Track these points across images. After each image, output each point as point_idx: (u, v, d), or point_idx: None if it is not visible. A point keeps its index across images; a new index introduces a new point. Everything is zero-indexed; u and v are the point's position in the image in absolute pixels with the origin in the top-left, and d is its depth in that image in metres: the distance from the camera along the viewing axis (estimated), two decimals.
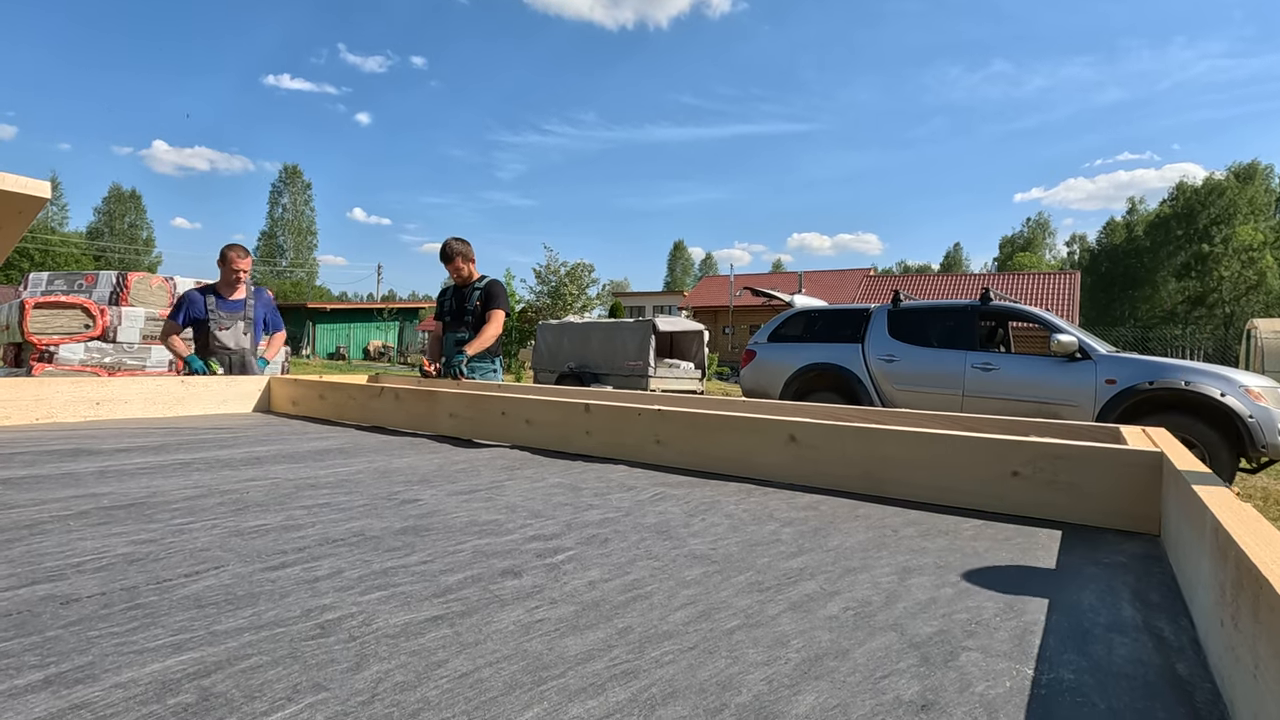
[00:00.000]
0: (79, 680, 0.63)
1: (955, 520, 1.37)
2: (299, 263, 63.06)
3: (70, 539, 1.07)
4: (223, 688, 0.62)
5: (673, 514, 1.38)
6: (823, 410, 2.15)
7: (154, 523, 1.18)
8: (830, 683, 0.68)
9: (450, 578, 0.95)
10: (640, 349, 13.16)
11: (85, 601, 0.82)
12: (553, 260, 26.72)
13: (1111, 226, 56.10)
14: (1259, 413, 5.60)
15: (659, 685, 0.66)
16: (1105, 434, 1.55)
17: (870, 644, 0.77)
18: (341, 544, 1.09)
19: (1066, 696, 0.66)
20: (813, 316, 8.69)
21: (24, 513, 1.22)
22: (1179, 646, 0.79)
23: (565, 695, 0.63)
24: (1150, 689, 0.68)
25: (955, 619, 0.86)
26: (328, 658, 0.69)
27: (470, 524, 1.25)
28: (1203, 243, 44.90)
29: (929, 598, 0.94)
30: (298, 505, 1.34)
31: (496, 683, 0.65)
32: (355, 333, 36.43)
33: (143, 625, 0.75)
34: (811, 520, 1.36)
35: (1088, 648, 0.78)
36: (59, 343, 6.78)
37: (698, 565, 1.05)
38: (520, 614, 0.83)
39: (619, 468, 1.90)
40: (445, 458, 2.03)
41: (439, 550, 1.08)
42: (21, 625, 0.75)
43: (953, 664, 0.73)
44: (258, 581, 0.91)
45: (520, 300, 25.62)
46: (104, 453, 1.92)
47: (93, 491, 1.41)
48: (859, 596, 0.93)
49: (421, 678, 0.66)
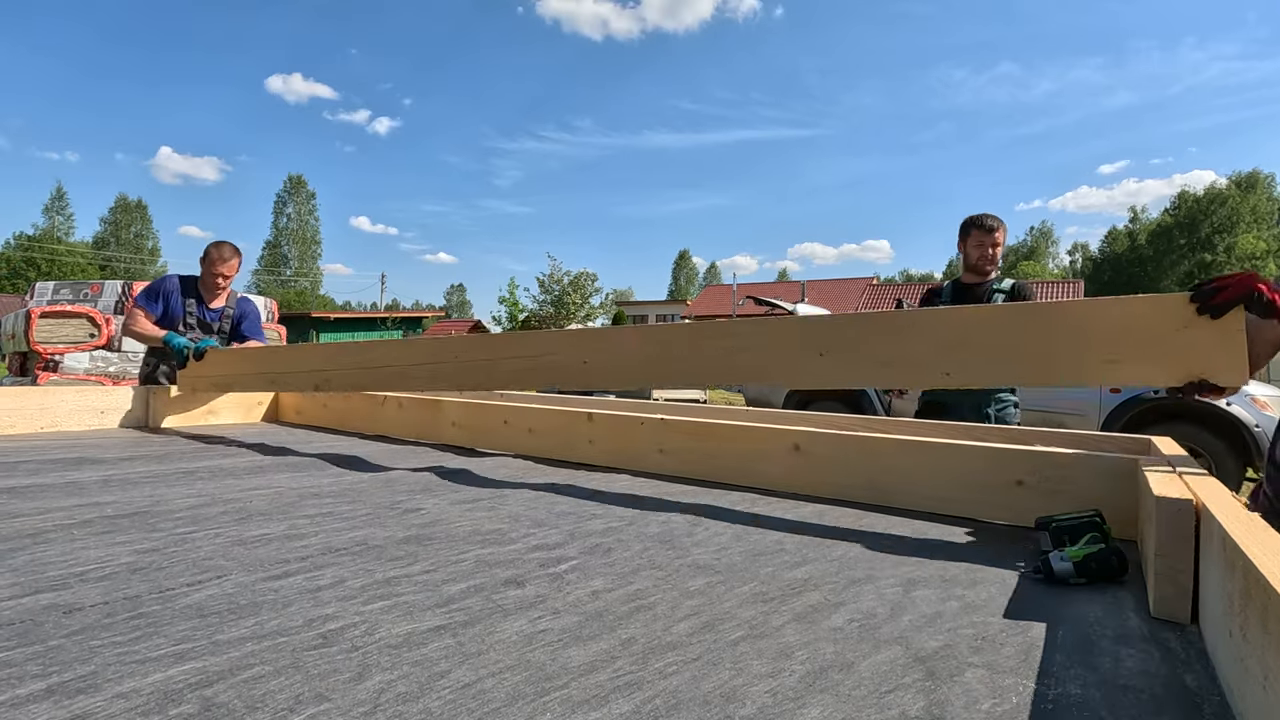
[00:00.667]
0: (81, 690, 0.63)
1: (960, 531, 1.36)
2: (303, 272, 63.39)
3: (74, 548, 1.07)
4: (225, 698, 0.62)
5: (676, 523, 1.38)
6: (826, 419, 2.15)
7: (157, 532, 1.18)
8: (835, 696, 0.67)
9: (453, 587, 0.94)
10: None
11: (88, 611, 0.82)
12: (556, 269, 26.82)
13: (1114, 235, 56.16)
14: (1265, 422, 5.57)
15: (662, 697, 0.66)
16: (1134, 445, 1.56)
17: (875, 657, 0.77)
18: (344, 553, 1.09)
19: (1074, 712, 0.65)
20: None
21: (28, 521, 1.22)
22: (1187, 658, 0.78)
23: (568, 707, 0.63)
24: (1158, 702, 0.67)
25: (960, 633, 0.86)
26: (330, 668, 0.69)
27: (473, 533, 1.24)
28: (1205, 251, 44.91)
29: (934, 610, 0.93)
30: (301, 514, 1.34)
31: (499, 694, 0.65)
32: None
33: (145, 635, 0.75)
34: (815, 530, 1.35)
35: (1094, 661, 0.77)
36: (64, 352, 6.81)
37: (701, 575, 1.05)
38: (523, 624, 0.83)
39: (622, 477, 1.90)
40: (448, 466, 2.03)
41: (442, 560, 1.07)
42: (24, 634, 0.75)
43: (958, 679, 0.72)
44: (260, 591, 0.91)
45: (523, 309, 25.67)
46: (108, 461, 1.93)
47: (96, 500, 1.41)
48: (863, 608, 0.93)
49: (424, 688, 0.65)
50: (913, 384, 1.54)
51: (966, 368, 1.39)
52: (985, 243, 2.86)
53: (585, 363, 1.84)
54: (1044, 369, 1.34)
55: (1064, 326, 1.31)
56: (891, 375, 1.50)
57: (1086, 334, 1.28)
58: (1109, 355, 1.26)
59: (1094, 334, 1.27)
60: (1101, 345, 1.27)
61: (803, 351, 1.56)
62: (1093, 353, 1.27)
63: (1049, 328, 1.32)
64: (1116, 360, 1.25)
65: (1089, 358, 1.28)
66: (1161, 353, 1.23)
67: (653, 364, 1.76)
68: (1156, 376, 1.24)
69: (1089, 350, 1.28)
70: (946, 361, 1.41)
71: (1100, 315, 1.28)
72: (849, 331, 1.55)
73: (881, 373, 1.51)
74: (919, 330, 1.45)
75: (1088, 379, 1.30)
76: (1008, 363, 1.38)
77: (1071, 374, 1.32)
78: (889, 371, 1.49)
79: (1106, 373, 1.28)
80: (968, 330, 1.41)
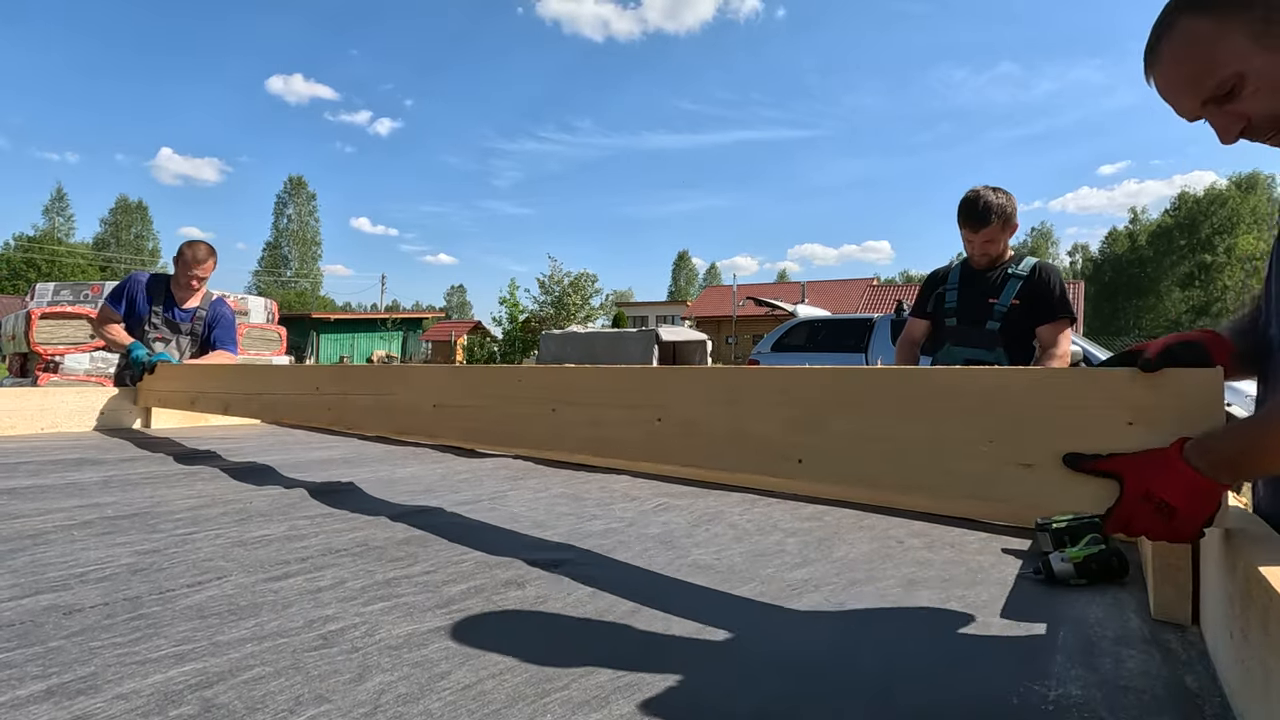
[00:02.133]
0: (81, 691, 0.63)
1: (960, 532, 1.36)
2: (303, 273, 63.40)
3: (74, 549, 1.07)
4: (225, 699, 0.62)
5: (676, 524, 1.38)
6: None
7: (157, 533, 1.18)
8: (835, 696, 0.67)
9: (453, 588, 0.94)
10: (643, 358, 13.19)
11: (88, 612, 0.82)
12: (556, 270, 26.82)
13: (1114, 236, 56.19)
14: None
15: (663, 698, 0.65)
16: None
17: (875, 657, 0.77)
18: (345, 554, 1.09)
19: (1075, 712, 0.65)
20: (816, 326, 8.69)
21: (28, 522, 1.22)
22: (1188, 659, 0.78)
23: (569, 708, 0.63)
24: (1159, 703, 0.67)
25: (961, 633, 0.85)
26: (330, 669, 0.69)
27: (473, 534, 1.24)
28: (1205, 252, 44.91)
29: (934, 611, 0.93)
30: (301, 515, 1.34)
31: (500, 694, 0.65)
32: (359, 343, 36.56)
33: (145, 636, 0.75)
34: (816, 531, 1.35)
35: (1095, 661, 0.77)
36: (64, 353, 6.81)
37: (701, 576, 1.05)
38: (524, 625, 0.83)
39: (622, 478, 1.90)
40: (448, 467, 2.03)
41: (442, 560, 1.07)
42: (24, 635, 0.75)
43: (958, 678, 0.72)
44: (260, 592, 0.91)
45: (524, 310, 25.67)
46: (108, 462, 1.93)
47: (96, 501, 1.41)
48: (864, 609, 0.93)
49: (424, 689, 0.65)
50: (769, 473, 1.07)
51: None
52: (974, 242, 2.25)
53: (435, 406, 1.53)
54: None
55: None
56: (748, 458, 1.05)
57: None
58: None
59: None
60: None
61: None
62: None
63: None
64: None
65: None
66: None
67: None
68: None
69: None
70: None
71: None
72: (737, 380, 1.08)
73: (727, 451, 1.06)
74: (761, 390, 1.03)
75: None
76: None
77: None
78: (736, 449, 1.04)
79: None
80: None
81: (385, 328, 38.35)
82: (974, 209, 2.21)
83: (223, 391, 2.37)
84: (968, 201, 2.24)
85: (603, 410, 1.21)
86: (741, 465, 1.04)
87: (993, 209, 2.20)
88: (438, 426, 1.53)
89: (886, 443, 0.89)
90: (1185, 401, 0.72)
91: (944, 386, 0.87)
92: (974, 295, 2.30)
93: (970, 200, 2.23)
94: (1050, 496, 0.79)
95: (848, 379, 0.95)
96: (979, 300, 2.28)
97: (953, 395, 0.85)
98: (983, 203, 2.20)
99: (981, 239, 2.23)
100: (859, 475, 0.94)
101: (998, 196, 2.21)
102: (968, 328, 2.30)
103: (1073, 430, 0.77)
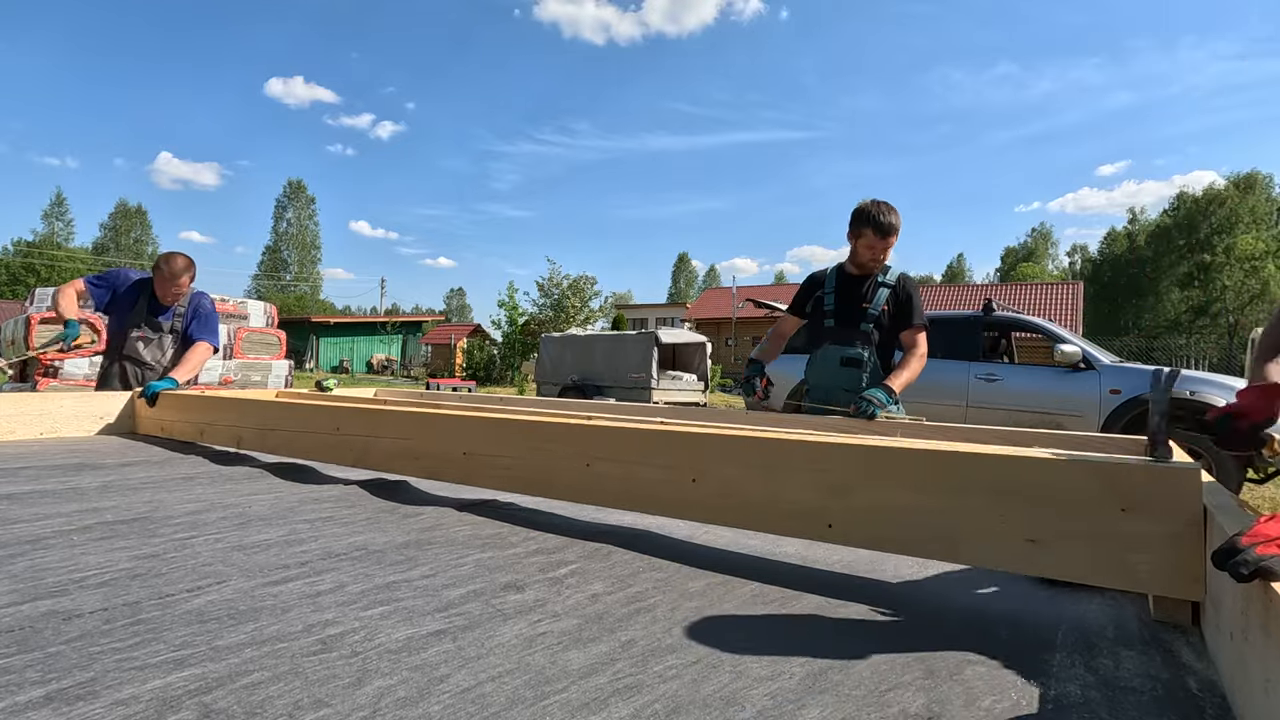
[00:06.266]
0: (80, 697, 0.63)
1: None
2: (303, 277, 63.44)
3: (73, 554, 1.07)
4: (224, 704, 0.62)
5: (676, 525, 1.38)
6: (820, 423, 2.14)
7: (156, 537, 1.18)
8: (835, 696, 0.67)
9: (453, 592, 0.94)
10: (643, 361, 13.18)
11: (87, 617, 0.82)
12: (555, 273, 26.82)
13: (1113, 236, 56.24)
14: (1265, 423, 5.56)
15: (662, 701, 0.65)
16: (1134, 446, 1.55)
17: (875, 657, 0.77)
18: (344, 558, 1.09)
19: (1075, 712, 0.65)
20: None
21: (27, 528, 1.22)
22: (1188, 660, 0.78)
23: (568, 710, 0.63)
24: (1159, 704, 0.67)
25: (962, 631, 0.85)
26: (329, 673, 0.69)
27: (472, 537, 1.24)
28: (1204, 252, 44.92)
29: (935, 609, 0.93)
30: (300, 519, 1.34)
31: (499, 698, 0.65)
32: (359, 346, 36.58)
33: (144, 641, 0.75)
34: None
35: (1095, 662, 0.77)
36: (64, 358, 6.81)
37: (701, 578, 1.05)
38: (523, 628, 0.82)
39: None
40: None
41: (441, 564, 1.07)
42: (23, 641, 0.74)
43: (958, 677, 0.72)
44: (260, 596, 0.90)
45: (523, 313, 25.67)
46: (107, 467, 1.92)
47: (96, 506, 1.41)
48: (864, 609, 0.93)
49: (423, 693, 0.65)
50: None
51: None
52: (878, 248, 2.48)
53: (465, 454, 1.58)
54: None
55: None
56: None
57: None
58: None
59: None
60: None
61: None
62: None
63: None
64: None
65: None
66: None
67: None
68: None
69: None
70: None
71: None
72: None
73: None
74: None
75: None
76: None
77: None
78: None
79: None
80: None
81: (385, 331, 38.36)
82: (885, 220, 2.48)
83: (234, 424, 2.32)
84: (880, 212, 2.49)
85: (637, 468, 1.30)
86: (777, 528, 1.14)
87: (896, 225, 2.50)
88: (470, 474, 1.59)
89: (909, 513, 1.01)
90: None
91: (961, 461, 0.99)
92: (849, 300, 2.61)
93: (884, 211, 2.49)
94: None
95: (876, 454, 1.06)
96: (854, 304, 2.59)
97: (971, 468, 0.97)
98: (893, 217, 2.49)
99: (882, 247, 2.50)
100: (883, 539, 1.04)
101: (897, 214, 2.52)
102: (844, 329, 2.61)
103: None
